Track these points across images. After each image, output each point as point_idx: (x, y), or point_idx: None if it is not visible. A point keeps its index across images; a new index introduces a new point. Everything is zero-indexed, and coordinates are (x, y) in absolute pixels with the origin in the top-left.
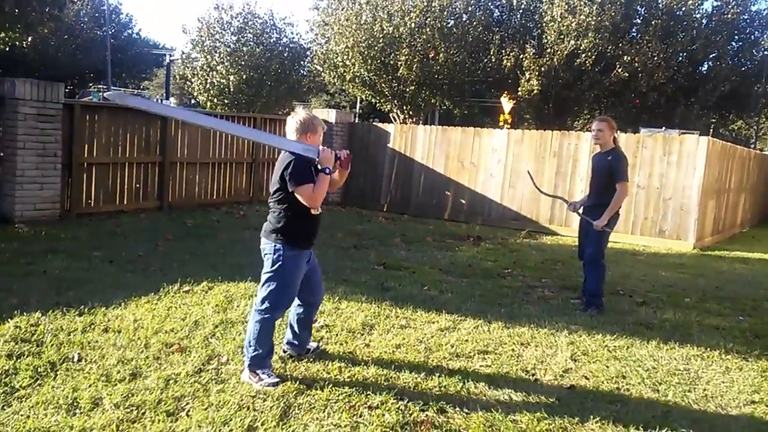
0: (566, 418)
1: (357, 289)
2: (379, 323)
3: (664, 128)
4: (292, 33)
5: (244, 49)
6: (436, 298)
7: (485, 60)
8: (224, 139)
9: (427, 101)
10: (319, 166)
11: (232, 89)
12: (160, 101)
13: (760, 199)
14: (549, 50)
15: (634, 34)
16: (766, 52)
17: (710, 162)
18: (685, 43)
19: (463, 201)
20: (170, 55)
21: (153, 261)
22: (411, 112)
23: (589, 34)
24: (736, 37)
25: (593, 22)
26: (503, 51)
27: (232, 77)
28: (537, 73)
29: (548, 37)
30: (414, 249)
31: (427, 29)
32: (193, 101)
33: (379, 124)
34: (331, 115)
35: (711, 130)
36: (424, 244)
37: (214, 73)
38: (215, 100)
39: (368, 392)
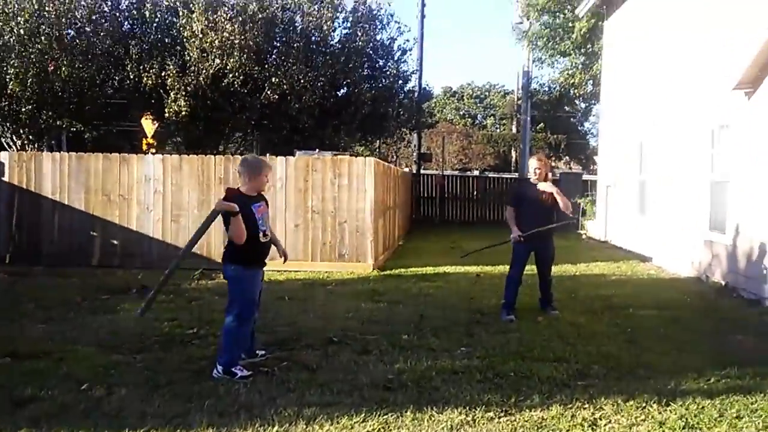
0: None
1: None
2: None
3: (317, 150)
4: None
5: None
6: (103, 403)
7: (122, 77)
8: None
9: (50, 124)
10: None
11: None
12: None
13: (406, 214)
14: (193, 68)
15: (277, 56)
16: (392, 79)
17: (377, 182)
18: (326, 68)
19: (116, 242)
20: None
21: None
22: (31, 137)
23: (235, 53)
24: (367, 64)
25: (237, 41)
26: (141, 68)
27: None
28: (183, 93)
29: (191, 54)
30: (57, 319)
31: (43, 38)
32: None
33: None
34: None
35: (347, 151)
36: (71, 307)
37: None
38: None
39: None
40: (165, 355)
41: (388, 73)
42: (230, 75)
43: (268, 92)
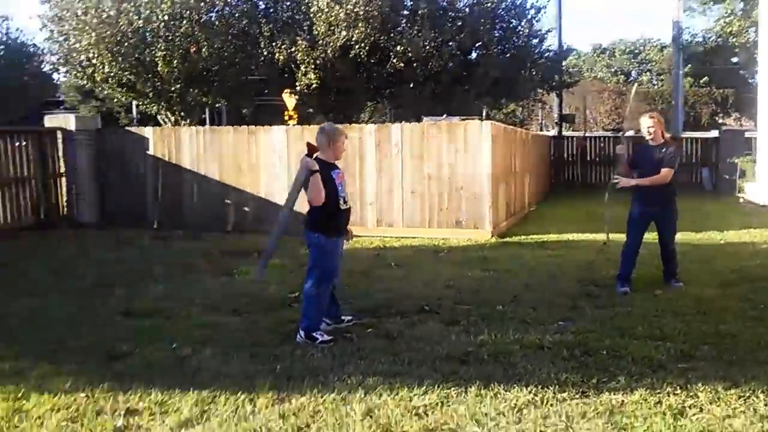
0: None
1: (65, 366)
2: (82, 429)
3: (445, 116)
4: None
5: None
6: (185, 361)
7: (257, 54)
8: None
9: (197, 100)
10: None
11: None
12: None
13: (542, 178)
14: (321, 42)
15: (404, 24)
16: (525, 39)
17: (495, 146)
18: (453, 32)
19: (247, 209)
20: None
21: None
22: (183, 114)
23: (359, 25)
24: (498, 25)
25: (362, 12)
26: (274, 44)
27: None
28: (313, 66)
29: (318, 29)
30: (179, 280)
31: (185, 21)
32: None
33: (134, 129)
34: (69, 121)
35: (482, 115)
36: (195, 270)
37: None
38: None
39: None
40: (261, 318)
41: (520, 33)
42: (356, 46)
43: (394, 60)
